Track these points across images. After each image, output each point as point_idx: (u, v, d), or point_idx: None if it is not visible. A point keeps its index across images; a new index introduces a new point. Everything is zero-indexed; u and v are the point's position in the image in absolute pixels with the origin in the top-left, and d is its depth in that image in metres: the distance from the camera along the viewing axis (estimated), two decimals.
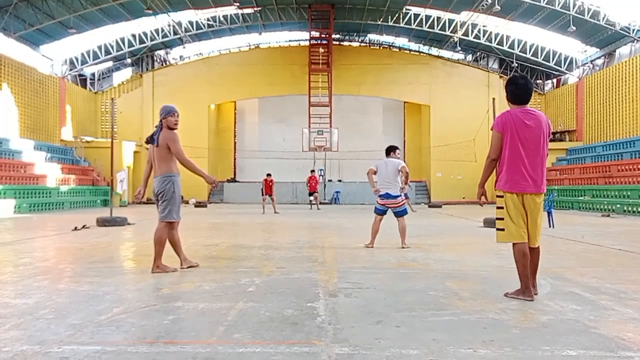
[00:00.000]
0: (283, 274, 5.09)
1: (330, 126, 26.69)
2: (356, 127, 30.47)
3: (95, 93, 29.75)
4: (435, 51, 30.71)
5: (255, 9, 25.85)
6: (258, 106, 31.89)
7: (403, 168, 7.37)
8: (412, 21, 26.63)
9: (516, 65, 28.78)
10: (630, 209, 17.26)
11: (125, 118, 28.25)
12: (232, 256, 6.50)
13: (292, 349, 2.73)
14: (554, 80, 30.13)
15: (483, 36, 27.32)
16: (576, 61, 27.39)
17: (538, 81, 30.04)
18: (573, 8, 22.72)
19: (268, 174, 18.43)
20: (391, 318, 3.37)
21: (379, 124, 31.87)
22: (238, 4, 24.75)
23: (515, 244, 3.97)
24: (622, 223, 13.22)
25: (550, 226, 10.91)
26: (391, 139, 25.25)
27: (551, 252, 6.68)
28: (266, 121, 31.83)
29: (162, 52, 30.74)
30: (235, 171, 31.76)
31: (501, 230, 4.02)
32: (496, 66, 30.42)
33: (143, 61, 30.19)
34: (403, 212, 7.44)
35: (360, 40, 31.49)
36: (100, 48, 27.35)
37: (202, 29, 27.61)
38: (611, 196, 19.09)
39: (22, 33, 22.81)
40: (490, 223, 10.39)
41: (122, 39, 27.35)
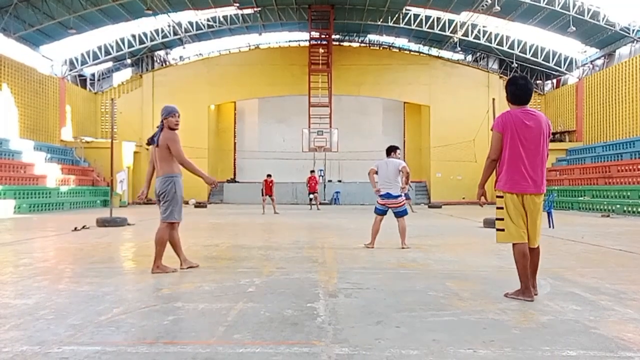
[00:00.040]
0: (283, 275, 5.09)
1: (330, 126, 26.67)
2: (356, 128, 30.45)
3: (95, 93, 29.73)
4: (435, 51, 30.69)
5: (255, 10, 25.85)
6: (258, 106, 31.86)
7: (404, 168, 7.38)
8: (412, 21, 26.63)
9: (516, 65, 28.76)
10: (630, 209, 17.26)
11: (125, 118, 28.23)
12: (232, 257, 6.50)
13: (292, 350, 2.73)
14: (554, 80, 30.12)
15: (483, 36, 27.31)
16: (576, 61, 27.38)
17: (538, 81, 30.02)
18: (573, 8, 22.72)
19: (268, 175, 18.42)
20: (391, 318, 3.37)
21: (379, 125, 31.84)
22: (238, 5, 24.74)
23: (515, 245, 3.97)
24: (622, 223, 13.22)
25: (550, 226, 10.91)
26: (391, 140, 25.20)
27: (551, 253, 6.68)
28: (266, 121, 31.81)
29: (162, 53, 30.73)
30: (235, 171, 31.73)
31: (501, 230, 4.03)
32: (496, 66, 30.41)
33: (143, 61, 30.17)
34: (403, 213, 7.45)
35: (360, 40, 31.48)
36: (100, 48, 27.32)
37: (202, 30, 27.61)
38: (611, 196, 19.08)
39: (22, 33, 22.80)
40: (490, 223, 10.39)
41: (122, 40, 27.33)
